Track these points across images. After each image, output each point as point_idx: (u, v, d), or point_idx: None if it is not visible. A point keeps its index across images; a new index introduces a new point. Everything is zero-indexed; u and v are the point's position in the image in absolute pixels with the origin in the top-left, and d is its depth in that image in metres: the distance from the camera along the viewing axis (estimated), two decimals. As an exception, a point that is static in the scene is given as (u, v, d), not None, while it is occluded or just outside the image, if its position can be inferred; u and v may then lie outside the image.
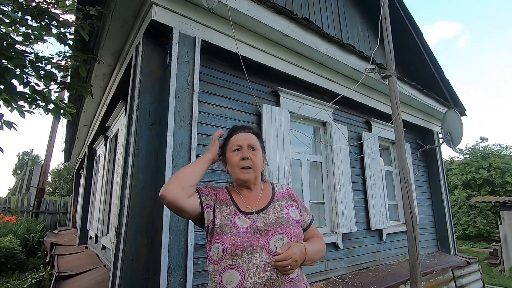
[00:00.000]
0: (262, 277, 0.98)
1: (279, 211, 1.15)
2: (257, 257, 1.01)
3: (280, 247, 1.04)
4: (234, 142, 1.21)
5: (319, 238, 1.25)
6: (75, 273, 3.31)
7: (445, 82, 5.46)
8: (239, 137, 1.22)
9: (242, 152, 1.17)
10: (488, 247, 10.82)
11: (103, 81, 3.68)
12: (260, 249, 1.02)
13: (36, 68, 2.48)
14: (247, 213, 1.11)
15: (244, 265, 0.99)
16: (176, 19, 2.20)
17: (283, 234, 1.07)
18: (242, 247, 1.01)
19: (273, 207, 1.15)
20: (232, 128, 1.30)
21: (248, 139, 1.21)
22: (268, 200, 1.18)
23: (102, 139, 4.76)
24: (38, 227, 8.42)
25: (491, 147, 15.56)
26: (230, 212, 1.11)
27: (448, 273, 4.10)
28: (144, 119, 2.14)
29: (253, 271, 0.99)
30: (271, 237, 1.06)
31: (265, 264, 1.00)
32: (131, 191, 1.99)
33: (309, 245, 1.11)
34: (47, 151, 11.25)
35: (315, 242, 1.19)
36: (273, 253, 1.02)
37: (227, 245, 1.02)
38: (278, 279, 0.99)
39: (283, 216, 1.13)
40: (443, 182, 5.02)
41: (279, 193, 1.24)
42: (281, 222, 1.10)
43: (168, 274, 1.83)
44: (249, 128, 1.28)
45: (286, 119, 2.98)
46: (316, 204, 3.35)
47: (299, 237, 1.10)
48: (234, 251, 1.01)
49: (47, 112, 2.67)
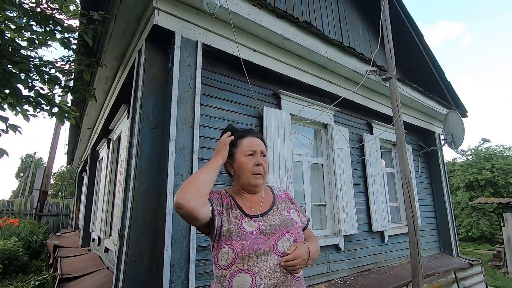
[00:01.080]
0: (273, 278, 1.01)
1: (282, 213, 1.17)
2: (266, 260, 1.03)
3: (288, 248, 1.07)
4: (248, 147, 1.19)
5: (315, 239, 1.29)
6: (78, 275, 3.34)
7: (446, 84, 5.46)
8: (254, 142, 1.21)
9: (255, 158, 1.17)
10: (492, 249, 10.75)
11: (106, 85, 3.72)
12: (269, 251, 1.04)
13: (41, 72, 2.52)
14: (253, 217, 1.12)
15: (255, 268, 1.01)
16: (178, 23, 2.23)
17: (289, 236, 1.10)
18: (253, 250, 1.03)
19: (276, 210, 1.18)
20: (231, 128, 1.25)
21: (261, 145, 1.22)
22: (271, 203, 1.20)
23: (105, 142, 4.80)
24: (41, 230, 8.46)
25: (494, 148, 15.49)
26: (236, 216, 1.11)
27: (450, 275, 4.09)
28: (146, 122, 2.17)
29: (264, 273, 1.01)
30: (278, 239, 1.08)
31: (274, 266, 1.03)
32: (134, 193, 2.01)
33: (310, 245, 1.14)
34: (50, 154, 11.31)
35: (313, 242, 1.22)
36: (282, 254, 1.05)
37: (237, 249, 1.03)
38: (287, 280, 1.03)
39: (286, 218, 1.16)
40: (445, 183, 5.01)
41: (279, 196, 1.27)
42: (285, 224, 1.13)
43: (170, 276, 1.85)
44: (257, 133, 1.28)
45: (287, 121, 3.00)
46: (317, 206, 3.36)
47: (302, 238, 1.15)
48: (245, 254, 1.02)
49: (52, 115, 2.70)
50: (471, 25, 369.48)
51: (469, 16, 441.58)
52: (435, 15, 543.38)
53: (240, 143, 1.21)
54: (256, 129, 2.78)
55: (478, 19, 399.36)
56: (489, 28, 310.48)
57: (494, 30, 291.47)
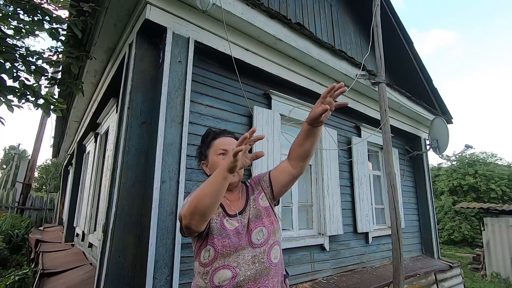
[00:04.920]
0: (252, 269, 1.06)
1: (253, 205, 1.21)
2: (244, 253, 1.08)
3: (261, 239, 1.12)
4: (219, 146, 1.22)
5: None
6: (60, 270, 3.28)
7: (433, 90, 5.60)
8: (225, 141, 1.24)
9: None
10: (472, 252, 11.07)
11: (94, 78, 3.66)
12: (246, 246, 1.10)
13: (27, 62, 2.46)
14: (233, 216, 1.15)
15: (234, 262, 1.06)
16: (170, 19, 2.22)
17: (261, 227, 1.15)
18: (233, 247, 1.07)
19: (249, 204, 1.21)
20: (210, 131, 1.30)
21: (233, 144, 1.22)
22: (245, 200, 1.23)
23: (92, 136, 4.72)
24: (23, 224, 8.25)
25: (477, 154, 15.96)
26: (218, 215, 1.14)
27: (431, 276, 4.21)
28: (135, 117, 2.15)
29: (243, 265, 1.06)
30: (252, 231, 1.13)
31: (252, 258, 1.08)
32: (119, 188, 2.00)
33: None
34: (35, 146, 11.03)
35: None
36: (256, 245, 1.10)
37: (219, 247, 1.07)
38: (265, 267, 1.08)
39: (257, 208, 1.20)
40: (429, 188, 5.14)
41: (250, 187, 1.28)
42: (256, 216, 1.18)
43: (154, 272, 1.84)
44: (230, 133, 1.31)
45: (277, 121, 3.02)
46: (304, 206, 3.40)
47: (273, 224, 1.18)
48: (225, 252, 1.07)
49: (37, 107, 2.64)
50: (463, 34, 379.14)
51: (461, 25, 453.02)
52: (430, 23, 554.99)
53: (213, 144, 1.25)
54: (246, 128, 2.80)
55: (470, 29, 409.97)
56: (480, 38, 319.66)
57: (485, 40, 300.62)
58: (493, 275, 8.03)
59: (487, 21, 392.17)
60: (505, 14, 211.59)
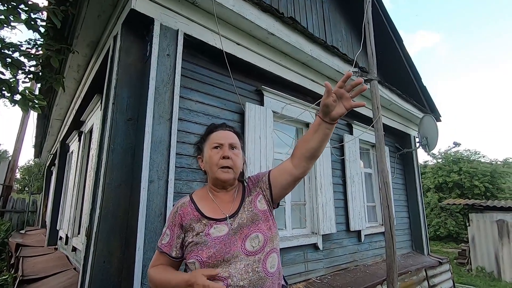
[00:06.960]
0: (245, 279, 0.96)
1: (249, 208, 1.09)
2: (236, 262, 0.97)
3: (257, 246, 1.01)
4: (214, 139, 1.13)
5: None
6: (41, 277, 3.10)
7: (422, 88, 5.66)
8: (220, 135, 1.14)
9: (222, 151, 1.10)
10: (457, 247, 11.36)
11: (77, 73, 3.48)
12: (238, 253, 0.99)
13: (2, 55, 2.29)
14: (222, 220, 1.05)
15: (225, 272, 0.96)
16: (157, 10, 2.11)
17: (257, 232, 1.03)
18: (220, 256, 0.97)
19: (244, 207, 1.10)
20: (211, 125, 1.22)
21: (230, 138, 1.14)
22: (240, 201, 1.12)
23: (76, 135, 4.52)
24: (3, 227, 7.88)
25: (462, 152, 16.40)
26: (204, 227, 1.04)
27: (421, 273, 4.24)
28: (120, 114, 2.03)
29: (236, 275, 0.95)
30: (246, 238, 1.02)
31: (246, 266, 0.97)
32: (104, 189, 1.87)
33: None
34: (16, 146, 10.57)
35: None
36: (251, 253, 0.99)
37: (203, 259, 0.97)
38: (259, 278, 0.98)
39: (253, 212, 1.08)
40: (418, 185, 5.19)
41: (248, 187, 1.17)
42: (252, 220, 1.06)
43: (142, 277, 1.73)
44: (230, 126, 1.21)
45: (269, 118, 2.95)
46: (297, 205, 3.34)
47: (271, 230, 1.07)
48: (212, 263, 0.97)
49: (14, 103, 2.46)
50: (448, 35, 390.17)
51: (446, 26, 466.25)
52: (415, 25, 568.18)
53: (209, 137, 1.16)
54: (237, 125, 2.71)
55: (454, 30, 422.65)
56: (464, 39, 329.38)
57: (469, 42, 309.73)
58: (478, 269, 8.25)
59: (471, 23, 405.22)
60: (488, 20, 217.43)
